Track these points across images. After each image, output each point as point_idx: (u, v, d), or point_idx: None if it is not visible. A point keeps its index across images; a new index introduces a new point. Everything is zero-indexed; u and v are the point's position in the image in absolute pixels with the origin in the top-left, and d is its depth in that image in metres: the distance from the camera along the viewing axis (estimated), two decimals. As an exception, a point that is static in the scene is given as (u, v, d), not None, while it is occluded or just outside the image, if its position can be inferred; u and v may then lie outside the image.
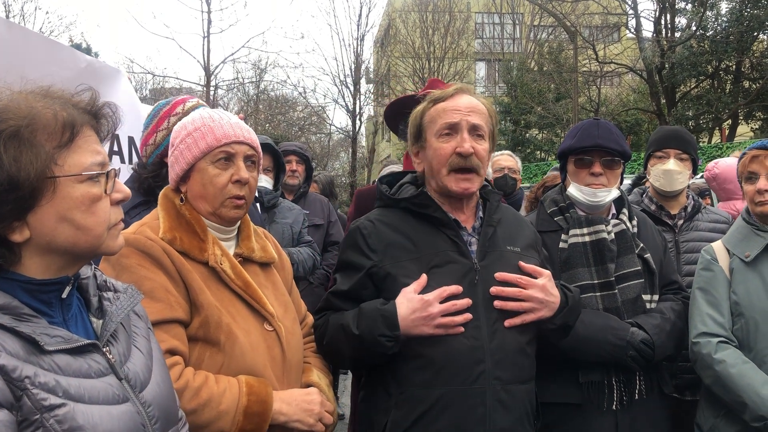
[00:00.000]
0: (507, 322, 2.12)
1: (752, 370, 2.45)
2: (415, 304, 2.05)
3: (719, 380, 2.49)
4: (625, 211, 2.77)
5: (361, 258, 2.20)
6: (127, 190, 1.41)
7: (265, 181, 4.31)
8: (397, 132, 3.28)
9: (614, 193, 2.72)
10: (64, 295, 1.34)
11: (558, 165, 3.15)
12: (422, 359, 2.08)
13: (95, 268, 1.49)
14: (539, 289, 2.15)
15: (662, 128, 3.63)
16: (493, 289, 2.13)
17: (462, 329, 2.06)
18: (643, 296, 2.66)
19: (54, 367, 1.22)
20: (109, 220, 1.36)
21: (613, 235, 2.67)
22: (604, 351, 2.50)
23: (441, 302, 2.06)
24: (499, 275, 2.15)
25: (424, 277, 2.09)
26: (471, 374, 2.05)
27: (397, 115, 3.13)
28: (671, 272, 2.86)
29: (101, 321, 1.40)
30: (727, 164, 4.54)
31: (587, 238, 2.66)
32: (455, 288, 2.08)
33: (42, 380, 1.19)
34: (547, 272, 2.22)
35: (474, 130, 2.21)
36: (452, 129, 2.21)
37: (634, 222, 2.78)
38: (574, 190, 2.73)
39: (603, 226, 2.67)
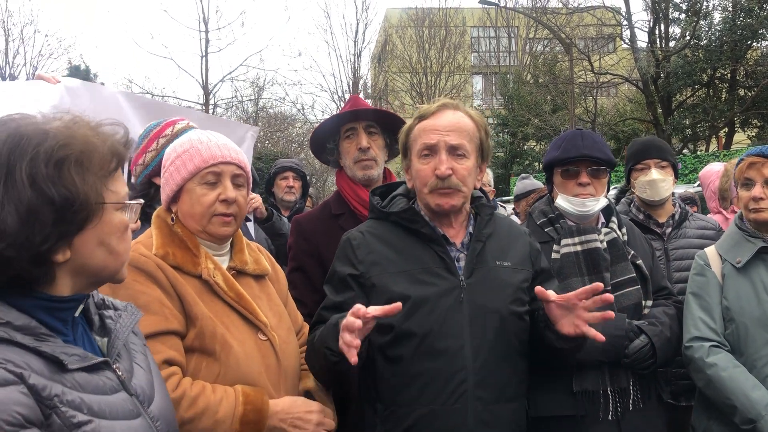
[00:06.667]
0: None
1: (742, 374, 2.49)
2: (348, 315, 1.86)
3: (711, 383, 2.53)
4: (614, 219, 2.79)
5: (349, 269, 2.18)
6: (137, 223, 1.50)
7: None
8: (323, 160, 3.17)
9: (602, 202, 2.73)
10: (76, 314, 1.39)
11: (524, 175, 3.13)
12: (407, 377, 2.08)
13: None
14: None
15: (636, 141, 3.69)
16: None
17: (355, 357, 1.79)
18: None
19: (76, 385, 1.26)
20: (130, 248, 1.45)
21: (605, 243, 2.67)
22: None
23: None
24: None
25: (398, 305, 1.84)
26: (453, 393, 2.05)
27: (322, 145, 3.04)
28: (660, 278, 2.88)
29: (105, 339, 1.44)
30: (704, 172, 4.63)
31: (579, 248, 2.65)
32: (390, 307, 1.83)
33: (69, 398, 1.22)
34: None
35: (453, 151, 2.16)
36: (431, 150, 2.17)
37: (624, 230, 2.80)
38: (562, 201, 2.73)
39: (595, 236, 2.67)
